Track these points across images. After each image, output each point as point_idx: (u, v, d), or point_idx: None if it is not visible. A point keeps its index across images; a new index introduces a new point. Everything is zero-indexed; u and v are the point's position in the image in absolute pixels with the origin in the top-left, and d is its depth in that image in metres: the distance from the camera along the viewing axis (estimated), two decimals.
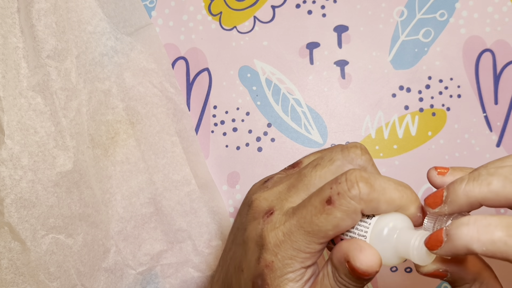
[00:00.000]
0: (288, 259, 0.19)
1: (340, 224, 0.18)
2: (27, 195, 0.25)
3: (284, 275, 0.19)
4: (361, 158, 0.20)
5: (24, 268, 0.25)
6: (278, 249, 0.19)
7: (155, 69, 0.31)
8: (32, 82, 0.26)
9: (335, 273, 0.19)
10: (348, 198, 0.18)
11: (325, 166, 0.20)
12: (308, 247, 0.19)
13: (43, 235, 0.25)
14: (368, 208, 0.18)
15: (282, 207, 0.20)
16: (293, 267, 0.19)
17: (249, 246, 0.21)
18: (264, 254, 0.20)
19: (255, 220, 0.21)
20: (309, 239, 0.19)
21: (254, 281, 0.20)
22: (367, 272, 0.17)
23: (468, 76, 0.31)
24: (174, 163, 0.31)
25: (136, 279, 0.31)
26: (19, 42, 0.26)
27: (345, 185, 0.18)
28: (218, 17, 0.33)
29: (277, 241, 0.19)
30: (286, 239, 0.19)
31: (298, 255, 0.19)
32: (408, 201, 0.19)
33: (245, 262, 0.21)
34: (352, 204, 0.18)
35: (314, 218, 0.18)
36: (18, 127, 0.25)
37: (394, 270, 0.32)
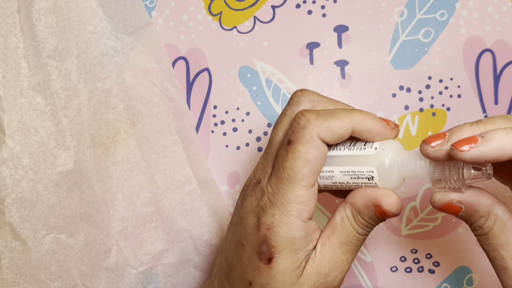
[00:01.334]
0: (285, 216, 0.20)
1: (309, 158, 0.19)
2: (28, 195, 0.25)
3: (286, 233, 0.20)
4: (303, 97, 0.22)
5: (25, 268, 0.25)
6: (273, 209, 0.20)
7: (155, 68, 0.31)
8: (33, 82, 0.26)
9: (356, 215, 0.21)
10: (301, 130, 0.20)
11: (280, 121, 0.22)
12: (296, 195, 0.20)
13: (44, 235, 0.25)
14: (324, 131, 0.19)
15: (266, 174, 0.21)
16: (293, 223, 0.20)
17: (247, 220, 0.21)
18: (263, 218, 0.20)
19: (248, 195, 0.22)
20: (292, 186, 0.20)
21: (258, 250, 0.20)
22: (396, 213, 0.20)
23: (468, 76, 0.31)
24: (174, 162, 0.31)
25: (137, 279, 0.31)
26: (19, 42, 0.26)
27: (295, 122, 0.20)
28: (218, 17, 0.33)
29: (269, 202, 0.20)
30: (276, 198, 0.20)
31: (292, 208, 0.20)
32: (363, 115, 0.20)
33: (245, 237, 0.21)
34: (306, 132, 0.19)
35: (285, 163, 0.20)
36: (19, 127, 0.25)
37: (394, 270, 0.32)
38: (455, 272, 0.31)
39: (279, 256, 0.20)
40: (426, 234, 0.31)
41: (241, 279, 0.21)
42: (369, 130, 0.20)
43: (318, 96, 0.22)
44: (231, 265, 0.22)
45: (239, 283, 0.22)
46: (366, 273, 0.32)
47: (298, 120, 0.20)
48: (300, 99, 0.22)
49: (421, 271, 0.32)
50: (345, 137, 0.20)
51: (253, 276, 0.21)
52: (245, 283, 0.21)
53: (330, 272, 0.21)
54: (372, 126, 0.20)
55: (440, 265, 0.31)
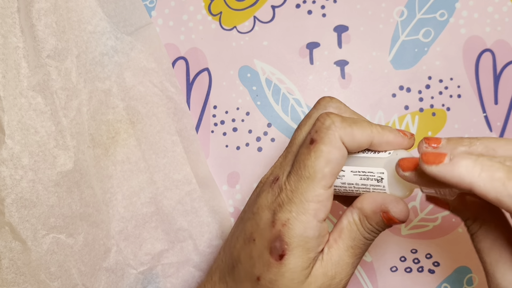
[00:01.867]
0: (302, 214, 0.20)
1: (331, 158, 0.20)
2: (28, 194, 0.25)
3: (301, 231, 0.20)
4: (331, 103, 0.22)
5: (25, 268, 0.25)
6: (290, 206, 0.20)
7: (155, 68, 0.31)
8: (33, 82, 0.26)
9: (364, 220, 0.21)
10: (325, 130, 0.20)
11: (305, 123, 0.22)
12: (314, 194, 0.20)
13: (44, 235, 0.25)
14: (347, 136, 0.20)
15: (284, 171, 0.21)
16: (309, 221, 0.20)
17: (260, 215, 0.21)
18: (279, 215, 0.20)
19: (264, 191, 0.22)
20: (312, 185, 0.20)
21: (271, 246, 0.20)
22: (404, 220, 0.20)
23: (468, 76, 0.31)
24: (174, 162, 0.31)
25: (137, 279, 0.31)
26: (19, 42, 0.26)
27: (320, 122, 0.20)
28: (218, 17, 0.33)
29: (287, 199, 0.20)
30: (294, 195, 0.20)
31: (310, 206, 0.20)
32: (382, 128, 0.21)
33: (257, 231, 0.21)
34: (330, 133, 0.20)
35: (307, 161, 0.20)
36: (19, 127, 0.25)
37: (394, 270, 0.32)
38: (455, 272, 0.31)
39: (291, 253, 0.20)
40: (426, 234, 0.31)
41: (248, 273, 0.21)
42: (388, 143, 0.21)
43: (345, 106, 0.22)
44: (237, 260, 0.22)
45: (245, 278, 0.21)
46: (366, 273, 0.32)
47: (323, 120, 0.20)
48: (328, 105, 0.22)
49: (421, 271, 0.32)
50: (364, 147, 0.20)
51: (262, 272, 0.21)
52: (253, 278, 0.21)
53: (336, 275, 0.21)
54: (391, 138, 0.21)
55: (440, 265, 0.31)
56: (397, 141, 0.21)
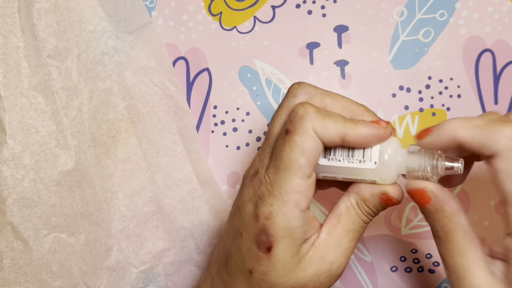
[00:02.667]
0: (283, 206, 0.20)
1: (305, 148, 0.20)
2: (29, 194, 0.25)
3: (285, 223, 0.20)
4: (300, 89, 0.22)
5: (27, 267, 0.25)
6: (271, 199, 0.20)
7: (155, 67, 0.31)
8: (33, 82, 0.26)
9: (361, 204, 0.22)
10: (298, 120, 0.20)
11: (277, 113, 0.22)
12: (293, 185, 0.20)
13: (45, 234, 0.26)
14: (319, 126, 0.20)
15: (263, 165, 0.22)
16: (291, 212, 0.20)
17: (245, 209, 0.21)
18: (261, 208, 0.20)
19: (246, 186, 0.22)
20: (289, 176, 0.20)
21: (257, 240, 0.21)
22: (401, 200, 0.22)
23: (468, 76, 0.31)
24: (175, 161, 0.31)
25: (139, 278, 0.31)
26: (20, 41, 0.26)
27: (294, 112, 0.20)
28: (218, 17, 0.33)
29: (268, 192, 0.20)
30: (274, 188, 0.20)
31: (289, 198, 0.20)
32: (356, 107, 0.22)
33: (243, 226, 0.21)
34: (303, 123, 0.20)
35: (282, 153, 0.20)
36: (20, 127, 0.25)
37: (394, 270, 0.32)
38: None
39: (278, 245, 0.20)
40: (426, 234, 0.31)
41: (240, 268, 0.22)
42: (363, 137, 0.21)
43: (315, 88, 0.22)
44: (229, 254, 0.22)
45: (238, 272, 0.22)
46: (366, 273, 0.32)
47: (297, 110, 0.20)
48: (297, 91, 0.22)
49: (421, 271, 0.32)
50: (337, 140, 0.20)
51: (253, 265, 0.21)
52: (245, 272, 0.21)
53: (337, 260, 0.21)
54: (365, 132, 0.20)
55: (440, 265, 0.31)
56: (372, 134, 0.21)
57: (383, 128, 0.21)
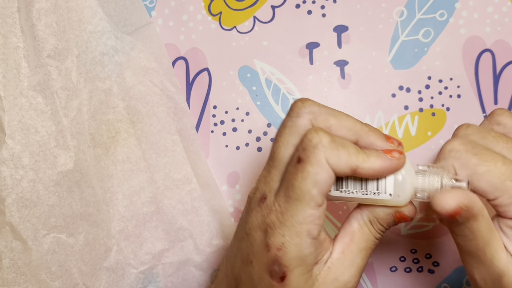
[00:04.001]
0: (295, 237, 0.20)
1: (318, 180, 0.19)
2: (28, 194, 0.25)
3: (298, 253, 0.20)
4: (304, 108, 0.21)
5: (26, 267, 0.25)
6: (282, 230, 0.20)
7: (155, 68, 0.31)
8: (33, 82, 0.26)
9: (375, 222, 0.22)
10: (312, 149, 0.19)
11: (281, 133, 0.21)
12: (305, 216, 0.19)
13: (44, 235, 0.26)
14: (333, 157, 0.19)
15: (271, 189, 0.21)
16: (304, 242, 0.20)
17: (254, 236, 0.21)
18: (272, 239, 0.20)
19: (253, 210, 0.21)
20: (301, 207, 0.19)
21: (270, 269, 0.20)
22: (413, 218, 0.22)
23: (468, 76, 0.31)
24: (175, 162, 0.31)
25: (138, 278, 0.31)
26: (19, 41, 0.26)
27: (306, 139, 0.19)
28: (218, 17, 0.33)
29: (278, 222, 0.20)
30: (285, 217, 0.20)
31: (302, 228, 0.20)
32: (361, 128, 0.21)
33: (252, 254, 0.21)
34: (317, 153, 0.19)
35: (294, 182, 0.19)
36: (19, 127, 0.25)
37: (394, 270, 0.32)
38: (455, 272, 0.31)
39: (291, 274, 0.20)
40: (426, 234, 0.31)
41: None
42: (376, 171, 0.20)
43: (319, 107, 0.21)
44: (239, 279, 0.22)
45: None
46: (365, 273, 0.32)
47: (310, 138, 0.19)
48: (301, 111, 0.21)
49: (421, 271, 0.32)
50: (348, 173, 0.20)
51: None
52: None
53: (351, 279, 0.21)
54: (377, 165, 0.20)
55: (439, 265, 0.31)
56: (386, 167, 0.20)
57: (396, 159, 0.20)
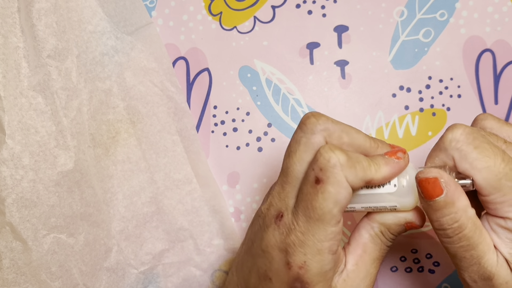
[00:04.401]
0: (317, 255, 0.20)
1: (339, 199, 0.19)
2: (28, 194, 0.25)
3: (319, 269, 0.20)
4: (318, 125, 0.21)
5: (26, 267, 0.25)
6: (304, 249, 0.20)
7: (155, 68, 0.31)
8: (33, 82, 0.26)
9: (386, 232, 0.22)
10: (331, 169, 0.19)
11: (295, 149, 0.21)
12: (326, 234, 0.20)
13: (44, 235, 0.25)
14: (351, 175, 0.19)
15: (287, 207, 0.21)
16: (325, 259, 0.20)
17: (272, 254, 0.21)
18: (294, 257, 0.20)
19: (269, 227, 0.22)
20: (323, 226, 0.20)
21: (291, 286, 0.21)
22: (422, 225, 0.22)
23: (468, 76, 0.31)
24: (175, 162, 0.31)
25: (138, 278, 0.31)
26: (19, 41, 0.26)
27: (323, 159, 0.20)
28: (218, 17, 0.33)
29: (299, 242, 0.20)
30: (306, 237, 0.20)
31: (323, 246, 0.20)
32: (370, 146, 0.21)
33: (271, 271, 0.21)
34: (336, 172, 0.19)
35: (314, 203, 0.20)
36: (19, 127, 0.25)
37: (394, 270, 0.32)
38: (455, 272, 0.31)
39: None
40: (426, 234, 0.31)
41: None
42: (387, 178, 0.21)
43: (333, 123, 0.21)
44: None
45: None
46: None
47: (327, 158, 0.19)
48: (315, 128, 0.21)
49: (421, 271, 0.32)
50: (362, 186, 0.21)
51: None
52: None
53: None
54: (387, 173, 0.21)
55: (440, 265, 0.31)
56: (395, 171, 0.21)
57: (402, 160, 0.21)
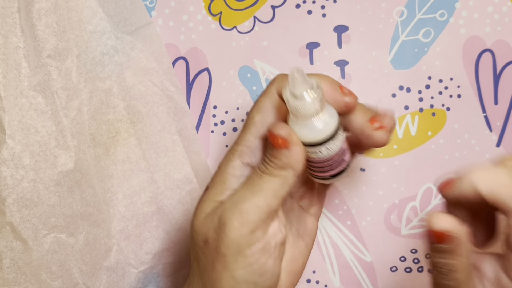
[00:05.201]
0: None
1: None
2: (29, 194, 0.25)
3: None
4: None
5: (26, 267, 0.25)
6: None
7: (155, 68, 0.31)
8: (33, 82, 0.26)
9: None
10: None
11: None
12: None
13: (44, 235, 0.26)
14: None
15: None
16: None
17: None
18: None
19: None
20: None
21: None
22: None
23: (468, 76, 0.31)
24: (175, 162, 0.31)
25: (138, 278, 0.31)
26: (19, 41, 0.26)
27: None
28: (218, 17, 0.33)
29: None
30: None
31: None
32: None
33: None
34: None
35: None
36: (19, 127, 0.25)
37: (394, 270, 0.32)
38: None
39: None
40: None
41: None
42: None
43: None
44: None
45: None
46: (366, 273, 0.32)
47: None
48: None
49: (421, 271, 0.32)
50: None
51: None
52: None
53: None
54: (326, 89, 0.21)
55: None
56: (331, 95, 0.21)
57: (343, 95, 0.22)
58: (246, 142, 0.21)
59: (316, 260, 0.32)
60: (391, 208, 0.32)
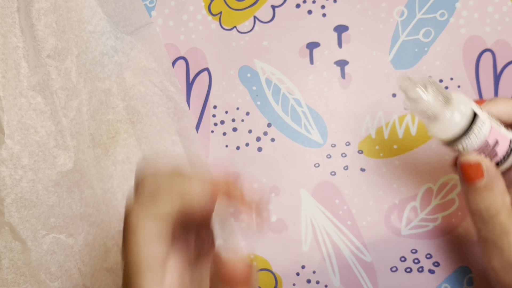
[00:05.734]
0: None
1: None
2: (28, 194, 0.25)
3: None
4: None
5: (25, 268, 0.25)
6: None
7: (155, 68, 0.31)
8: (33, 82, 0.26)
9: None
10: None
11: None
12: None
13: (44, 235, 0.25)
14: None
15: None
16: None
17: None
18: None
19: None
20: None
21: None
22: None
23: (468, 76, 0.31)
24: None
25: None
26: (19, 41, 0.26)
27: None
28: (218, 17, 0.33)
29: None
30: None
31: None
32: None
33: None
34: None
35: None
36: (19, 127, 0.25)
37: (394, 270, 0.32)
38: (455, 272, 0.31)
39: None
40: (426, 234, 0.31)
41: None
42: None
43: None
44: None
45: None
46: (366, 273, 0.32)
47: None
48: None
49: (421, 271, 0.32)
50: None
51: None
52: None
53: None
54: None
55: (440, 265, 0.31)
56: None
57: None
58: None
59: (316, 260, 0.32)
60: (391, 208, 0.32)
